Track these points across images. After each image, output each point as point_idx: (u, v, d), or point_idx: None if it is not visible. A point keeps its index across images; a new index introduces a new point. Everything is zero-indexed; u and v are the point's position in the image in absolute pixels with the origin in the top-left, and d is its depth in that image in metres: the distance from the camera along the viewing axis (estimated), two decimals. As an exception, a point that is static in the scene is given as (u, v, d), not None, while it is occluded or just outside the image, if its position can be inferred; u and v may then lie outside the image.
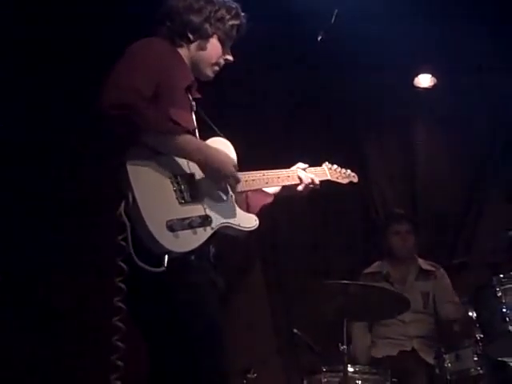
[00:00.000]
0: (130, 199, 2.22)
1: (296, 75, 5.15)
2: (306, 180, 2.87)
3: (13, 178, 4.54)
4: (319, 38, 4.77)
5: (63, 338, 4.52)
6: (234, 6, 2.72)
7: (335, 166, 3.16)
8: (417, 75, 5.42)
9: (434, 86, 5.42)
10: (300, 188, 2.87)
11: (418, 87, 5.45)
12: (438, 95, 5.38)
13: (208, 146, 2.49)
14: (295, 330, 4.23)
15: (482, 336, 3.71)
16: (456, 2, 4.65)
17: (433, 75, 5.40)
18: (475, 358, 3.76)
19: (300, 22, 4.66)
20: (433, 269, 4.71)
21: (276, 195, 2.87)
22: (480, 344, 3.71)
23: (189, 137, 2.42)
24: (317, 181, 2.91)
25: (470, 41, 4.83)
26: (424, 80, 5.44)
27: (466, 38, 4.82)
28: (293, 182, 2.86)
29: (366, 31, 4.70)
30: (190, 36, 2.64)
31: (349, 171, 3.24)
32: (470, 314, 3.78)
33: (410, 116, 5.58)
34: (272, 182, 2.79)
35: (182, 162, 2.42)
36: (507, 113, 5.19)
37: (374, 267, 4.79)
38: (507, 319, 3.61)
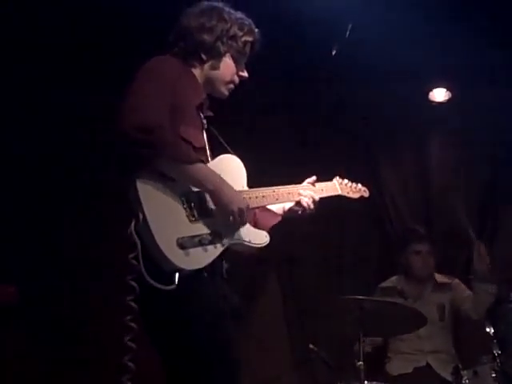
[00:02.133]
0: (140, 218, 2.23)
1: (310, 90, 5.15)
2: (307, 195, 2.83)
3: (20, 192, 4.59)
4: (333, 52, 4.78)
5: (75, 355, 4.54)
6: (246, 22, 2.70)
7: (346, 181, 3.13)
8: (431, 89, 5.40)
9: (449, 100, 5.40)
10: (302, 204, 2.82)
11: (433, 101, 5.43)
12: (453, 109, 5.36)
13: (221, 180, 2.44)
14: (311, 346, 4.21)
15: (499, 352, 3.67)
16: (471, 17, 4.63)
17: (448, 89, 5.38)
18: (493, 375, 3.70)
19: (313, 36, 4.66)
20: (448, 281, 4.68)
21: (283, 215, 2.85)
22: (498, 360, 3.66)
23: (201, 167, 2.40)
24: (316, 198, 2.86)
25: (485, 55, 4.81)
26: (439, 94, 5.41)
27: (481, 51, 4.79)
28: (278, 202, 2.78)
29: (380, 46, 4.69)
30: (203, 56, 2.63)
31: (359, 185, 3.20)
32: (488, 329, 3.75)
33: (424, 130, 5.56)
34: (283, 197, 2.77)
35: None
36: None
37: (390, 282, 4.77)
38: (525, 335, 3.60)
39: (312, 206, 2.83)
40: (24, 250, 4.51)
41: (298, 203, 2.83)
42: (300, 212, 2.84)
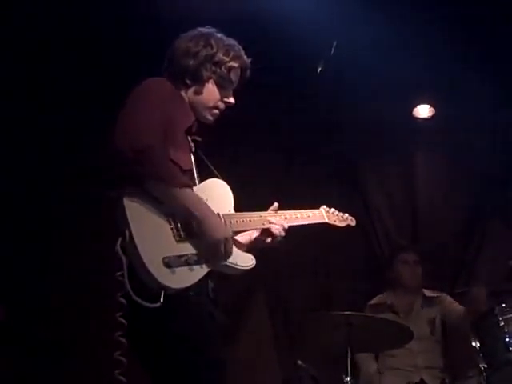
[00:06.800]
0: (127, 235, 2.24)
1: (295, 108, 5.19)
2: (279, 223, 2.71)
3: (12, 207, 4.59)
4: (319, 70, 4.82)
5: (64, 371, 4.52)
6: (235, 48, 2.70)
7: (333, 210, 3.10)
8: (415, 106, 5.46)
9: (433, 116, 5.46)
10: (272, 232, 2.70)
11: (417, 118, 5.49)
12: (437, 125, 5.41)
13: (207, 208, 2.42)
14: (299, 362, 4.21)
15: (485, 366, 3.70)
16: (454, 34, 4.70)
17: (431, 106, 5.44)
18: (479, 389, 3.75)
19: (299, 54, 4.70)
20: (437, 295, 4.71)
21: (248, 246, 2.69)
22: (484, 374, 3.70)
23: (189, 192, 2.39)
24: (286, 226, 2.73)
25: (469, 71, 4.87)
26: (423, 110, 5.47)
27: (465, 68, 4.86)
28: (265, 226, 2.71)
29: (364, 62, 4.75)
30: (187, 80, 2.65)
31: (346, 215, 3.16)
32: (474, 343, 3.78)
33: (409, 147, 5.61)
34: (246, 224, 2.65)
35: None
36: (506, 141, 5.22)
37: (379, 298, 4.78)
38: (510, 348, 3.64)
39: (283, 234, 2.73)
40: (12, 269, 4.51)
41: (267, 231, 2.72)
42: (268, 241, 2.72)
